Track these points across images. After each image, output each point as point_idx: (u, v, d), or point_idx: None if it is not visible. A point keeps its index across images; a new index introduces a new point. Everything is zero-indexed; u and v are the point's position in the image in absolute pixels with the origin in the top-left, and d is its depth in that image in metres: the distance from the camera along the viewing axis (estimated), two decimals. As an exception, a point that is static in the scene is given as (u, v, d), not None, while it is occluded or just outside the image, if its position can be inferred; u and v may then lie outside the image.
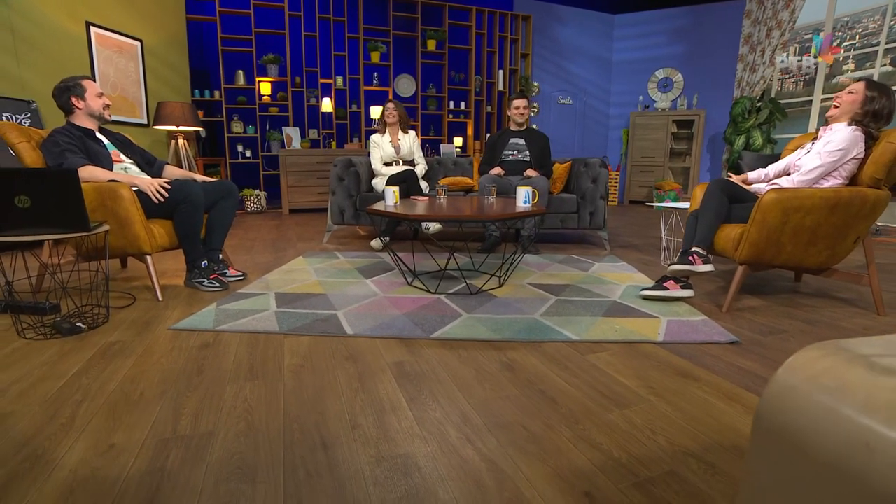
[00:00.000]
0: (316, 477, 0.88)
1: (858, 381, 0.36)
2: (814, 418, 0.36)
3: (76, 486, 0.85)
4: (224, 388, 1.22)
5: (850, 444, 0.33)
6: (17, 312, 1.71)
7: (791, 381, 0.39)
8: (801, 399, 0.38)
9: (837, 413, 0.35)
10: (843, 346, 0.41)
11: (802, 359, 0.41)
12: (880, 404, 0.33)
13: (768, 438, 0.39)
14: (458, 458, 0.94)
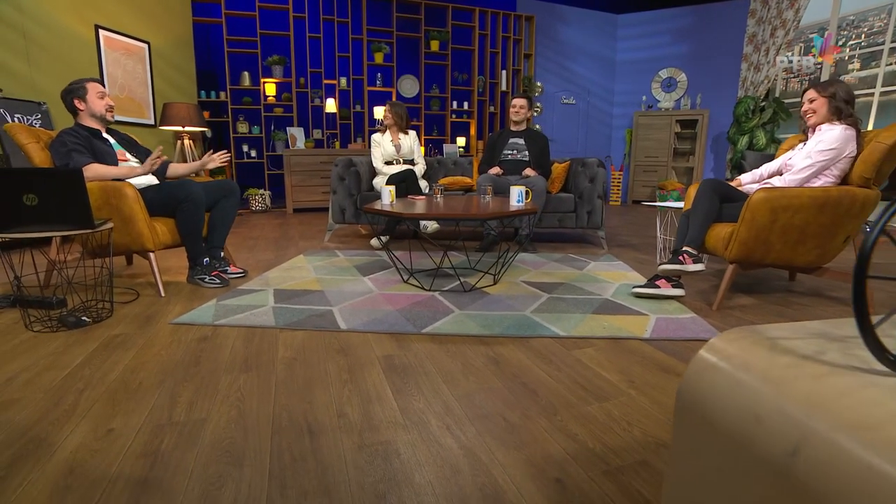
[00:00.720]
0: (300, 461, 0.93)
1: (759, 360, 0.40)
2: (719, 393, 0.40)
3: (75, 467, 0.90)
4: (219, 379, 1.28)
5: (744, 415, 0.37)
6: (25, 306, 1.78)
7: (708, 361, 0.43)
8: (712, 376, 0.41)
9: (737, 388, 0.39)
10: (757, 329, 0.45)
11: (721, 341, 0.45)
12: (773, 379, 0.37)
13: (686, 412, 0.43)
14: (437, 446, 0.98)
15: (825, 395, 0.34)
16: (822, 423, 0.32)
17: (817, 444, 0.31)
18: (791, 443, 0.33)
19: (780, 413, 0.34)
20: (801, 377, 0.36)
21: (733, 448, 0.37)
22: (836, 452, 0.30)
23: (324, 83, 5.71)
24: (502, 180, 3.24)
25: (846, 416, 0.31)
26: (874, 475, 0.27)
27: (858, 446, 0.29)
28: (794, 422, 0.33)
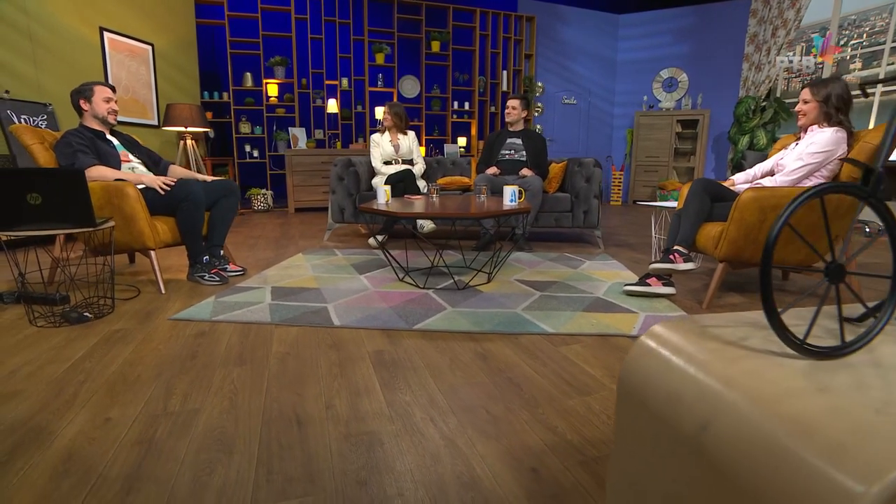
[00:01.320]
0: (287, 449, 0.97)
1: (688, 345, 0.43)
2: (652, 375, 0.43)
3: (74, 452, 0.95)
4: (214, 372, 1.32)
5: (669, 395, 0.40)
6: (30, 303, 1.83)
7: (645, 346, 0.46)
8: (647, 360, 0.45)
9: (665, 370, 0.42)
10: (695, 318, 0.48)
11: (661, 328, 0.48)
12: (695, 362, 0.41)
13: (625, 393, 0.47)
14: (420, 436, 1.02)
15: (737, 375, 0.37)
16: (730, 399, 0.35)
17: (724, 419, 0.35)
18: (703, 418, 0.36)
19: (696, 392, 0.38)
20: (720, 360, 0.40)
21: (660, 426, 0.40)
22: (740, 425, 0.33)
23: (325, 84, 5.76)
24: (499, 180, 3.27)
25: (752, 392, 0.35)
26: (770, 442, 0.31)
27: (759, 418, 0.32)
28: (706, 399, 0.37)
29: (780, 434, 0.31)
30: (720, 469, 0.33)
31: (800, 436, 0.29)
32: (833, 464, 0.27)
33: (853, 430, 0.28)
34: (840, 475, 0.26)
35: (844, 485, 0.25)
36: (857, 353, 0.41)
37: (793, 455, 0.29)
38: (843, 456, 0.27)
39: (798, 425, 0.30)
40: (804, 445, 0.29)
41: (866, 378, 0.35)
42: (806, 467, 0.28)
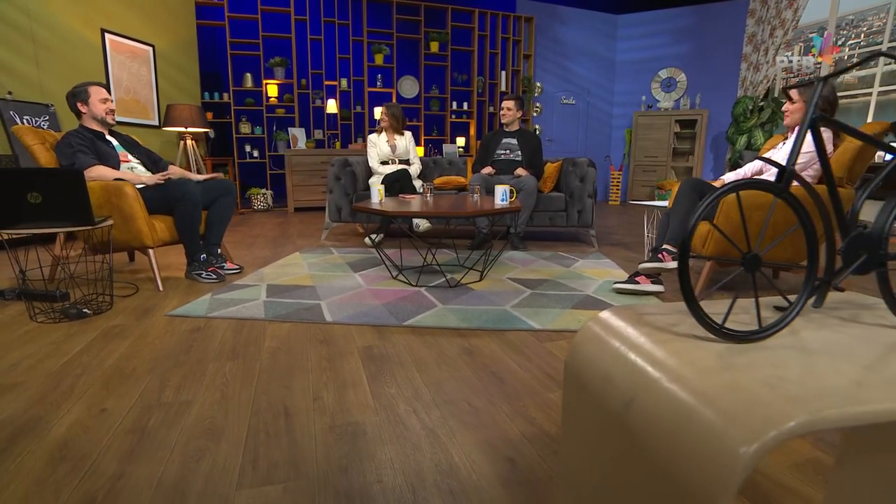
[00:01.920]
0: (274, 438, 1.01)
1: (623, 331, 0.47)
2: (590, 358, 0.47)
3: (69, 440, 0.99)
4: (207, 366, 1.36)
5: (602, 376, 0.44)
6: (30, 299, 1.88)
7: (587, 332, 0.50)
8: (587, 345, 0.48)
9: (601, 353, 0.46)
10: (635, 307, 0.52)
11: (604, 314, 0.52)
12: (627, 346, 0.44)
13: (569, 376, 0.50)
14: (402, 427, 1.06)
15: (660, 356, 0.41)
16: (651, 377, 0.39)
17: (645, 395, 0.38)
18: (628, 395, 0.40)
19: (624, 372, 0.42)
20: (649, 343, 0.43)
21: (595, 406, 0.44)
22: (657, 399, 0.37)
23: (325, 84, 5.81)
24: (495, 180, 3.30)
25: (671, 371, 0.38)
26: (679, 413, 0.34)
27: (673, 393, 0.36)
28: (632, 378, 0.40)
29: (687, 405, 0.34)
30: (639, 440, 0.37)
31: (703, 406, 0.33)
32: (726, 428, 0.30)
33: (745, 401, 0.32)
34: (730, 437, 0.30)
35: (733, 444, 0.29)
36: (780, 337, 0.45)
37: (696, 423, 0.32)
38: (735, 422, 0.31)
39: (703, 397, 0.34)
40: (705, 414, 0.32)
41: (771, 358, 0.39)
42: (705, 432, 0.31)
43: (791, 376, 0.35)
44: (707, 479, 0.30)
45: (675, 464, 0.33)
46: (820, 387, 0.33)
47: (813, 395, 0.32)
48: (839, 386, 0.33)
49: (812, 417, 0.29)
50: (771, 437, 0.29)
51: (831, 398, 0.32)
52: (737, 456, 0.29)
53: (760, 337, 0.42)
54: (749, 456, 0.28)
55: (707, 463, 0.30)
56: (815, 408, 0.30)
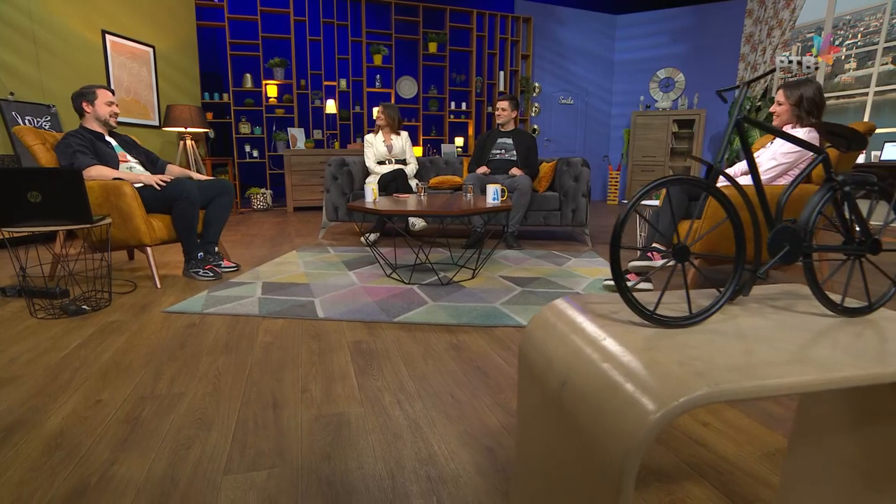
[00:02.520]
0: (262, 428, 1.05)
1: (568, 318, 0.50)
2: (537, 344, 0.50)
3: (66, 430, 1.03)
4: (200, 360, 1.40)
5: (545, 360, 0.47)
6: (31, 296, 1.92)
7: (541, 318, 0.54)
8: (535, 332, 0.52)
9: (546, 339, 0.49)
10: (583, 297, 0.56)
11: (556, 303, 0.55)
12: (569, 330, 0.48)
13: (522, 361, 0.54)
14: (385, 417, 1.09)
15: (595, 339, 0.44)
16: (584, 358, 0.43)
17: (577, 374, 0.42)
18: (564, 375, 0.43)
19: (563, 354, 0.45)
20: (587, 328, 0.47)
21: (539, 388, 0.48)
22: (587, 377, 0.41)
23: (324, 85, 5.85)
24: (489, 179, 3.34)
25: (602, 352, 0.42)
26: (605, 386, 0.38)
27: (601, 370, 0.40)
28: (568, 360, 0.44)
29: (612, 381, 0.38)
30: (570, 417, 0.41)
31: (625, 380, 0.37)
32: (640, 399, 0.34)
33: (659, 376, 0.36)
34: (643, 405, 0.33)
35: (645, 411, 0.33)
36: (712, 322, 0.48)
37: (618, 396, 0.36)
38: (648, 393, 0.34)
39: (625, 374, 0.37)
40: (625, 388, 0.36)
41: (692, 341, 0.42)
42: (624, 403, 0.35)
43: (703, 356, 0.38)
44: (623, 444, 0.33)
45: (598, 436, 0.37)
46: (727, 364, 0.37)
47: (718, 371, 0.36)
48: (746, 363, 0.37)
49: (711, 390, 0.33)
50: (675, 405, 0.32)
51: (733, 374, 0.35)
52: (647, 420, 0.32)
53: (690, 323, 0.45)
54: (657, 419, 0.32)
55: (623, 430, 0.34)
56: (714, 381, 0.34)
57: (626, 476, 0.32)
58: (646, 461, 0.96)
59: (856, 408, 0.59)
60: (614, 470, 0.33)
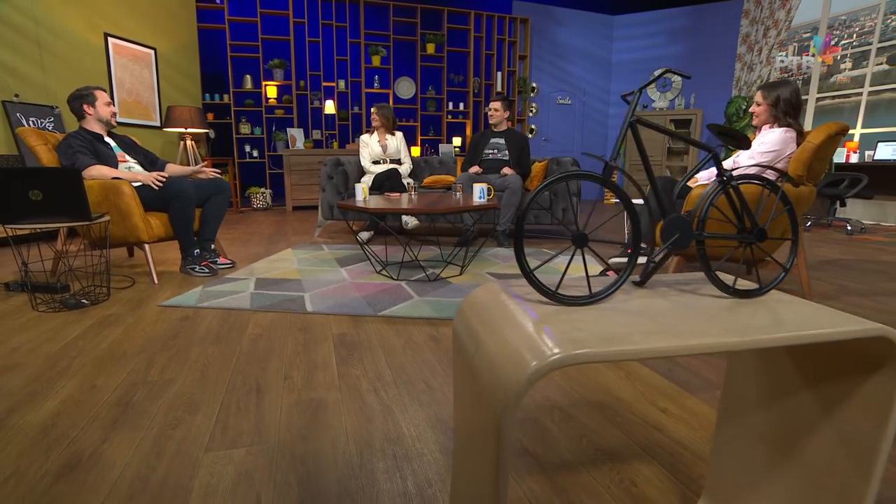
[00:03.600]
0: (244, 411, 1.12)
1: (488, 299, 0.57)
2: (463, 322, 0.57)
3: (62, 412, 1.10)
4: (191, 350, 1.47)
5: (467, 332, 0.54)
6: (33, 291, 2.01)
7: (471, 298, 0.60)
8: (462, 312, 0.59)
9: (469, 317, 0.56)
10: (509, 281, 0.62)
11: (485, 285, 0.62)
12: (490, 305, 0.54)
13: (454, 334, 0.61)
14: (360, 402, 1.16)
15: (506, 313, 0.51)
16: (494, 326, 0.49)
17: (486, 339, 0.49)
18: (477, 341, 0.50)
19: (479, 324, 0.52)
20: (503, 305, 0.53)
21: (463, 357, 0.54)
22: (494, 341, 0.47)
23: (323, 85, 5.93)
24: (481, 178, 3.40)
25: (510, 321, 0.49)
26: (506, 352, 0.45)
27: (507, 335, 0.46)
28: (482, 329, 0.51)
29: (511, 345, 0.45)
30: (479, 376, 0.47)
31: (517, 342, 0.43)
32: (525, 357, 0.41)
33: (543, 340, 0.42)
34: (526, 361, 0.40)
35: (527, 364, 0.39)
36: (612, 301, 0.55)
37: (512, 357, 0.43)
38: (531, 353, 0.41)
39: (519, 337, 0.44)
40: (519, 350, 0.43)
41: (582, 315, 0.49)
42: (514, 359, 0.42)
43: (587, 327, 0.45)
44: (508, 392, 0.40)
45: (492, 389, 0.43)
46: (603, 333, 0.43)
47: (593, 339, 0.42)
48: (620, 333, 0.43)
49: (578, 351, 0.40)
50: (547, 363, 0.39)
51: (602, 341, 0.42)
52: (526, 372, 0.39)
53: (588, 302, 0.52)
54: (531, 372, 0.39)
55: (510, 381, 0.40)
56: (582, 346, 0.40)
57: (506, 418, 0.39)
58: (600, 444, 1.02)
59: (766, 387, 0.66)
60: (499, 414, 0.40)
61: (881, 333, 0.47)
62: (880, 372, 0.51)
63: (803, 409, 0.60)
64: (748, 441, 0.69)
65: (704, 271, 0.59)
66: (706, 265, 0.59)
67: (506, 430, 0.39)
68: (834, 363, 0.56)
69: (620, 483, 0.89)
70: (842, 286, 2.39)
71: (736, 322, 0.48)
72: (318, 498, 0.83)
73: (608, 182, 0.53)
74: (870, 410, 0.52)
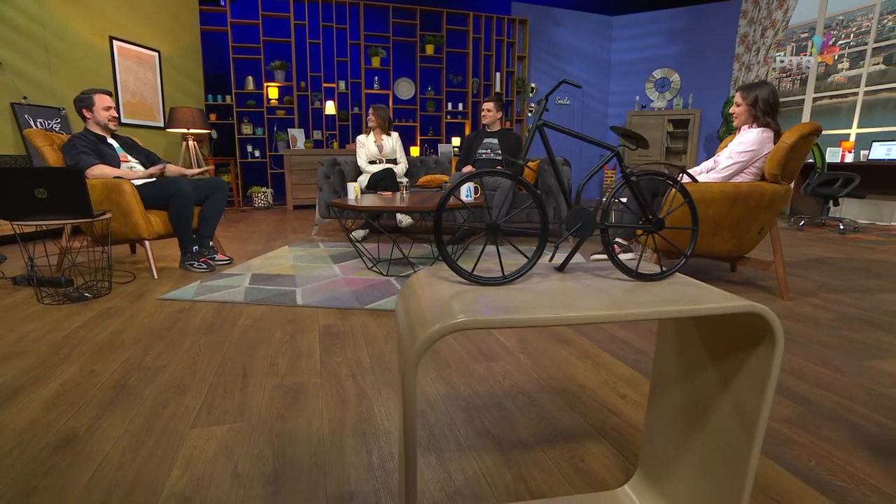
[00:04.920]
0: (229, 393, 1.20)
1: (423, 280, 0.65)
2: (402, 298, 0.65)
3: (62, 393, 1.20)
4: (185, 339, 1.56)
5: (402, 308, 0.62)
6: (39, 285, 2.11)
7: (407, 283, 0.68)
8: (405, 290, 0.66)
9: (405, 297, 0.64)
10: (440, 266, 0.70)
11: (421, 271, 0.70)
12: (418, 287, 0.62)
13: (396, 312, 0.68)
14: (338, 387, 1.24)
15: (429, 292, 0.59)
16: (416, 300, 0.57)
17: (409, 312, 0.56)
18: (404, 314, 0.58)
19: (407, 300, 0.60)
20: (427, 287, 0.61)
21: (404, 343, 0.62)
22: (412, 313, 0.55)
23: (323, 86, 6.03)
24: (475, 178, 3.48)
25: (427, 296, 0.56)
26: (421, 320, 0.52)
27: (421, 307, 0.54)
28: (410, 304, 0.58)
29: (423, 313, 0.52)
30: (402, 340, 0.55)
31: (429, 312, 0.51)
32: (430, 321, 0.49)
33: (446, 310, 0.50)
34: (430, 324, 0.48)
35: (433, 325, 0.47)
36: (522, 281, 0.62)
37: (425, 322, 0.51)
38: (435, 318, 0.49)
39: (430, 308, 0.52)
40: (430, 317, 0.51)
41: (487, 293, 0.56)
42: (421, 325, 0.50)
43: (488, 302, 0.53)
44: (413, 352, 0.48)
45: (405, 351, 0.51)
46: (501, 306, 0.51)
47: (494, 311, 0.50)
48: (514, 306, 0.51)
49: (467, 318, 0.47)
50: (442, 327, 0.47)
51: (497, 311, 0.49)
52: (430, 332, 0.47)
53: (502, 282, 0.59)
54: (434, 331, 0.47)
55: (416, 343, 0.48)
56: (477, 314, 0.48)
57: (409, 369, 0.47)
58: (558, 426, 1.09)
59: (682, 364, 0.73)
60: (407, 366, 0.48)
61: (754, 310, 0.54)
62: (761, 346, 0.58)
63: (708, 383, 0.67)
64: (670, 415, 0.76)
65: (609, 257, 0.67)
66: (609, 252, 0.67)
67: (410, 378, 0.47)
68: (730, 340, 0.63)
69: (570, 460, 0.97)
70: (822, 283, 2.44)
71: (625, 299, 0.55)
72: (290, 468, 0.91)
73: (518, 179, 0.61)
74: (754, 380, 0.59)
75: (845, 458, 0.98)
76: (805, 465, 0.96)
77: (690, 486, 0.70)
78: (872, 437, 1.06)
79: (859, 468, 0.95)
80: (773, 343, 0.56)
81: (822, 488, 0.89)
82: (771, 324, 0.55)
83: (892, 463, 0.97)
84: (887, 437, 1.06)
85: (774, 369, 0.56)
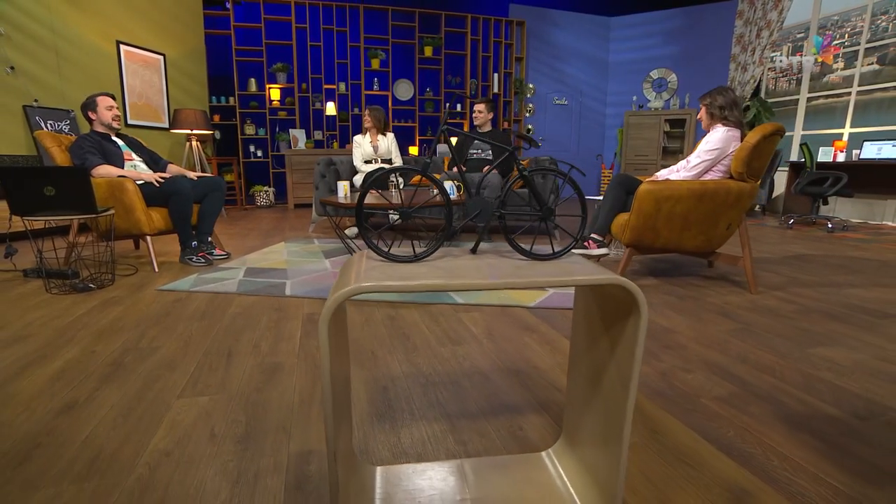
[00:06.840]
0: (213, 370, 1.33)
1: (354, 261, 0.77)
2: (338, 276, 0.77)
3: (66, 369, 1.33)
4: (179, 324, 1.70)
5: (336, 283, 0.74)
6: (47, 277, 2.26)
7: (348, 260, 0.80)
8: (346, 265, 0.78)
9: (346, 269, 0.76)
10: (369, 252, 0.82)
11: (356, 253, 0.82)
12: (351, 264, 0.74)
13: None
14: (312, 366, 1.37)
15: (358, 268, 0.71)
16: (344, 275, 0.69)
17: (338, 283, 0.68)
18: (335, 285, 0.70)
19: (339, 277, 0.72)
20: (355, 264, 0.73)
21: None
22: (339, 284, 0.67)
23: (324, 88, 6.17)
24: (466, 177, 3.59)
25: (352, 271, 0.68)
26: (342, 283, 0.65)
27: (345, 278, 0.66)
28: (338, 279, 0.70)
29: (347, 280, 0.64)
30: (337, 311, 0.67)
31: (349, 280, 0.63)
32: (346, 285, 0.60)
33: (355, 280, 0.62)
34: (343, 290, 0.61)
35: (342, 288, 0.60)
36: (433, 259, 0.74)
37: (341, 285, 0.62)
38: (344, 286, 0.61)
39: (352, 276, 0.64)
40: (346, 282, 0.62)
41: (403, 269, 0.68)
42: (342, 286, 0.62)
43: (395, 274, 0.64)
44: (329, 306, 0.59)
45: (323, 312, 0.63)
46: (399, 275, 0.63)
47: (386, 279, 0.62)
48: (411, 276, 0.63)
49: (370, 284, 0.59)
50: (342, 292, 0.59)
51: (390, 281, 0.61)
52: (341, 292, 0.59)
53: (412, 260, 0.72)
54: (344, 292, 0.58)
55: (332, 300, 0.60)
56: (378, 281, 0.60)
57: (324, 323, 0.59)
58: (504, 400, 1.21)
59: (587, 337, 0.84)
60: (320, 329, 0.60)
61: (617, 282, 0.66)
62: (631, 316, 0.69)
63: (602, 352, 0.78)
64: (581, 384, 0.88)
65: (507, 240, 0.78)
66: (506, 235, 0.78)
67: (323, 335, 0.59)
68: (615, 313, 0.74)
69: (510, 429, 1.08)
70: (793, 278, 2.52)
71: (510, 272, 0.67)
72: (259, 431, 1.04)
73: (428, 175, 0.73)
74: (629, 345, 0.70)
75: (761, 430, 1.09)
76: (723, 436, 1.07)
77: (593, 448, 0.82)
78: (791, 412, 1.17)
79: (772, 438, 1.06)
80: (638, 313, 0.67)
81: (731, 453, 1.00)
82: (635, 296, 0.66)
83: (801, 433, 1.07)
84: (805, 412, 1.16)
85: (641, 335, 0.68)
